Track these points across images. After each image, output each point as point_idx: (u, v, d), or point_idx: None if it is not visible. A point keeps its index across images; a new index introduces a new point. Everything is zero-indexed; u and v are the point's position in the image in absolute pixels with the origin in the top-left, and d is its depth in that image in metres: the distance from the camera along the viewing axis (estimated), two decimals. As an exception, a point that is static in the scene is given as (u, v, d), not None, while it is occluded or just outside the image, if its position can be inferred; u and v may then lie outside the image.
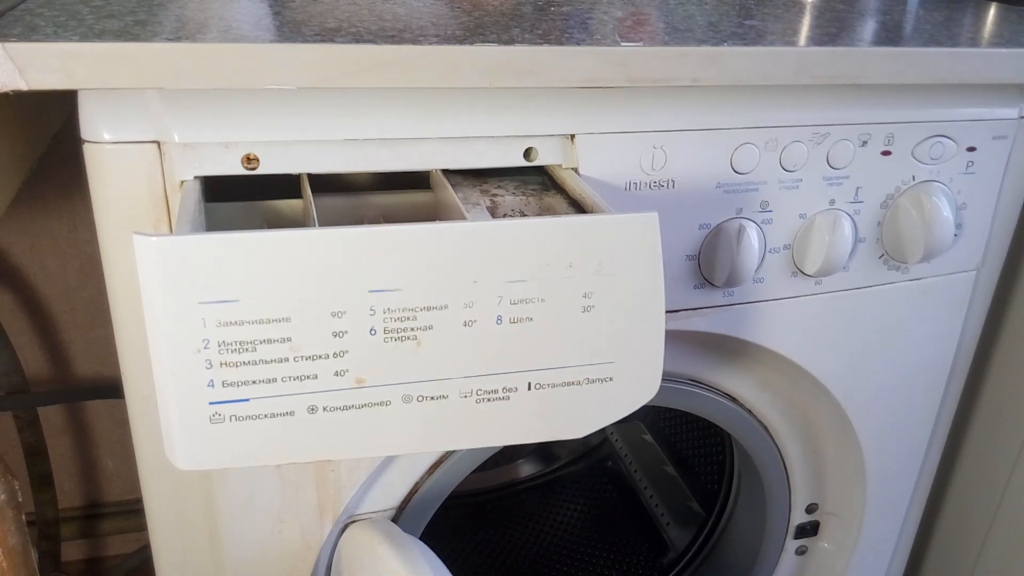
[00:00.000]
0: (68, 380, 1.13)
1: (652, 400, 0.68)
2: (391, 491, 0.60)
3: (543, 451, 1.18)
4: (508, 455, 1.17)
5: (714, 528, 0.86)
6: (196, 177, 0.46)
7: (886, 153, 0.58)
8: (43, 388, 1.11)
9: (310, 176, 0.49)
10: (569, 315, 0.42)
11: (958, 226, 0.62)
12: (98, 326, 1.10)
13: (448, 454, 0.61)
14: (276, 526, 0.56)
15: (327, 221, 0.48)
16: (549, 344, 0.42)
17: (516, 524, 1.11)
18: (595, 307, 0.42)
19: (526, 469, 1.17)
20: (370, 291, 0.38)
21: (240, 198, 0.51)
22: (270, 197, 0.52)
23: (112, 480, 1.23)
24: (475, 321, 0.40)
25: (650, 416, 1.12)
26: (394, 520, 0.61)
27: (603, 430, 1.17)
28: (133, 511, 1.24)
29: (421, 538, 0.93)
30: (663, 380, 0.65)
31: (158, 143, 0.45)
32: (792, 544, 0.77)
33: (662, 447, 1.09)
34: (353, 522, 0.57)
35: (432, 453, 0.60)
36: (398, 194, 0.54)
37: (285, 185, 0.50)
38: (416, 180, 0.53)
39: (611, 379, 0.44)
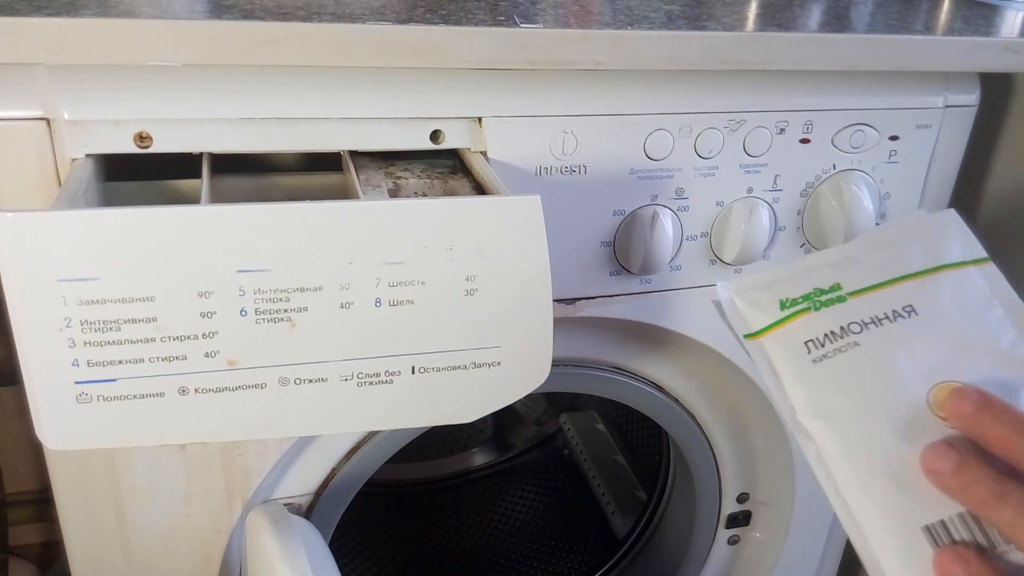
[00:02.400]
0: (21, 363, 1.12)
1: (574, 388, 0.68)
2: (307, 476, 0.60)
3: (498, 440, 1.18)
4: (463, 443, 1.17)
5: (652, 517, 0.86)
6: (88, 155, 0.46)
7: (805, 141, 0.57)
8: (-6, 370, 1.11)
9: (224, 157, 0.48)
10: (452, 298, 0.41)
11: (881, 216, 0.62)
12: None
13: (366, 439, 0.60)
14: (183, 510, 0.56)
15: (229, 201, 0.47)
16: (432, 327, 0.41)
17: (469, 513, 1.11)
18: (478, 290, 0.41)
19: (480, 458, 1.17)
20: (238, 271, 0.37)
21: (155, 178, 0.50)
22: (189, 176, 0.51)
23: (65, 464, 1.22)
24: (352, 303, 0.40)
25: (605, 405, 1.12)
26: (312, 505, 0.61)
27: (557, 419, 1.17)
28: (87, 495, 1.23)
29: (362, 523, 0.93)
30: (585, 368, 0.65)
31: (47, 120, 0.45)
32: (724, 534, 0.77)
33: (614, 436, 1.08)
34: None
35: (349, 437, 0.60)
36: (307, 175, 0.54)
37: (197, 165, 0.49)
38: (334, 162, 0.53)
39: (498, 364, 0.43)
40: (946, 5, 0.76)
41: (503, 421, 1.17)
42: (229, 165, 0.50)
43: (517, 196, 0.40)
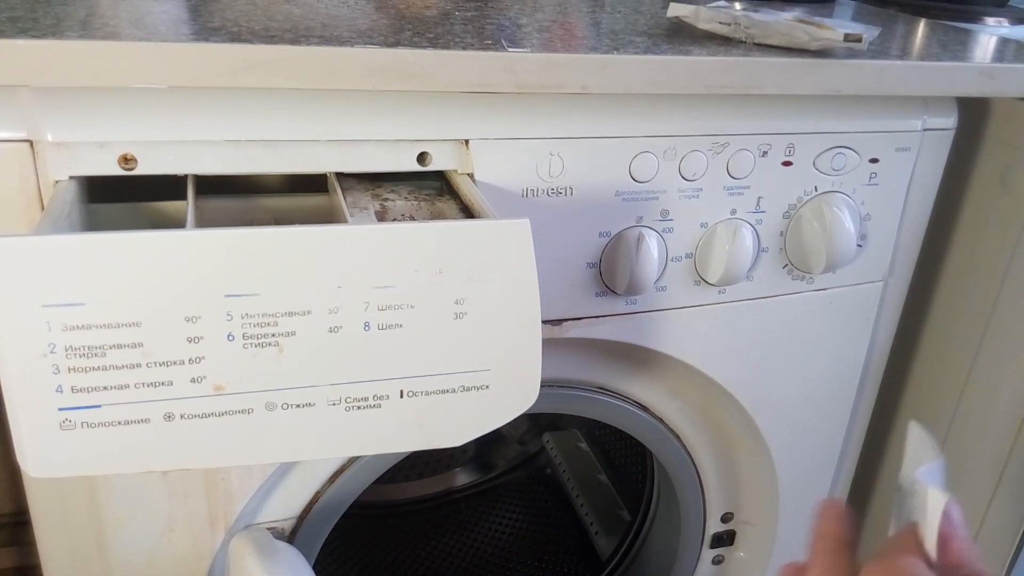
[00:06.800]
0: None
1: (559, 408, 0.68)
2: (290, 500, 0.59)
3: (481, 459, 1.17)
4: (446, 463, 1.17)
5: (636, 536, 0.86)
6: (72, 177, 0.45)
7: (787, 164, 0.58)
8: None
9: (209, 179, 0.48)
10: (441, 322, 0.41)
11: (862, 237, 0.62)
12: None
13: (350, 462, 0.60)
14: (165, 535, 0.55)
15: (214, 223, 0.47)
16: (421, 351, 0.41)
17: (452, 533, 1.10)
18: (468, 314, 0.41)
19: (462, 478, 1.16)
20: (226, 296, 0.37)
21: (139, 200, 0.50)
22: (173, 198, 0.51)
23: (40, 486, 1.20)
24: (341, 327, 0.39)
25: (588, 424, 1.12)
26: (295, 529, 0.60)
27: (540, 438, 1.17)
28: (62, 518, 1.21)
29: (342, 544, 0.92)
30: (570, 388, 0.65)
31: (31, 142, 0.44)
32: (708, 553, 0.77)
33: (597, 455, 1.08)
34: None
35: (333, 461, 0.59)
36: (293, 197, 0.53)
37: (181, 187, 0.49)
38: (320, 183, 0.53)
39: (487, 387, 0.43)
40: (920, 29, 0.78)
41: (486, 440, 1.17)
42: (214, 187, 0.50)
43: (507, 220, 0.41)
